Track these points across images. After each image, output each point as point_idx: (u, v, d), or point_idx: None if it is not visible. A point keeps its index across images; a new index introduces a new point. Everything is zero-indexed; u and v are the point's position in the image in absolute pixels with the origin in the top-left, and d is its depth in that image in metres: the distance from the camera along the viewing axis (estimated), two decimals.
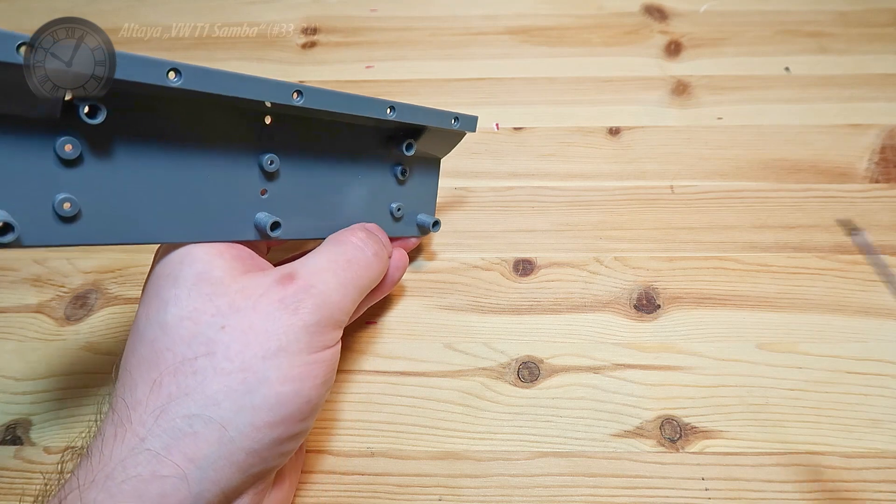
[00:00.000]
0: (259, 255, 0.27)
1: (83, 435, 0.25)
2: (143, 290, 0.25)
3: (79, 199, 0.21)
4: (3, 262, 0.38)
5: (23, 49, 0.17)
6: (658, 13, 0.51)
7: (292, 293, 0.24)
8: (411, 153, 0.31)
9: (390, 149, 0.31)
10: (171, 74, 0.20)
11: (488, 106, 0.45)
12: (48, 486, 0.24)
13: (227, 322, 0.23)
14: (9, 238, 0.19)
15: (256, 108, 0.25)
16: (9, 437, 0.31)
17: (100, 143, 0.21)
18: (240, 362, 0.22)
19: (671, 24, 0.50)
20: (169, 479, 0.20)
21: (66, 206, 0.20)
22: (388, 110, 0.27)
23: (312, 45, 0.50)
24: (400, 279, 0.33)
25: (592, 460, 0.29)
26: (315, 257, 0.26)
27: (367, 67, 0.48)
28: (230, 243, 0.25)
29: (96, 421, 0.24)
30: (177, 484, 0.20)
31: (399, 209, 0.33)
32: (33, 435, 0.31)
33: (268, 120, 0.25)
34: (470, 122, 0.32)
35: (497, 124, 0.44)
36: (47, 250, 0.38)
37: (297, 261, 0.26)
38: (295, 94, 0.24)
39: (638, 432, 0.30)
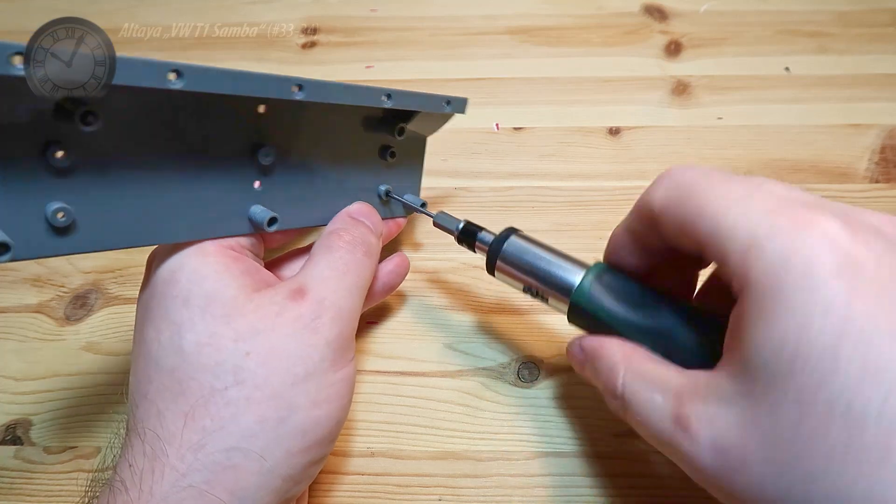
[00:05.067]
0: (259, 258, 0.27)
1: (106, 459, 0.25)
2: (142, 304, 0.25)
3: (73, 208, 0.20)
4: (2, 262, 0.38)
5: (16, 59, 0.16)
6: (658, 13, 0.51)
7: (308, 310, 0.24)
8: (402, 137, 0.31)
9: (379, 131, 0.31)
10: (172, 76, 0.20)
11: (488, 106, 0.45)
12: None
13: (250, 347, 0.22)
14: (4, 258, 0.19)
15: (251, 100, 0.24)
16: (9, 437, 0.31)
17: (93, 149, 0.20)
18: (270, 390, 0.22)
19: (671, 24, 0.50)
20: None
21: (60, 216, 0.20)
22: (385, 98, 0.28)
23: (312, 45, 0.50)
24: (399, 284, 0.33)
25: (592, 460, 0.29)
26: (315, 267, 0.26)
27: (367, 67, 0.48)
28: (236, 256, 0.25)
29: (111, 446, 0.24)
30: None
31: (387, 192, 0.33)
32: (33, 435, 0.31)
33: (262, 109, 0.25)
34: (460, 105, 0.32)
35: (497, 124, 0.44)
36: None
37: (300, 273, 0.25)
38: (295, 88, 0.24)
39: None
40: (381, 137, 0.31)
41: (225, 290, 0.23)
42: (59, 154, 0.19)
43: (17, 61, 0.16)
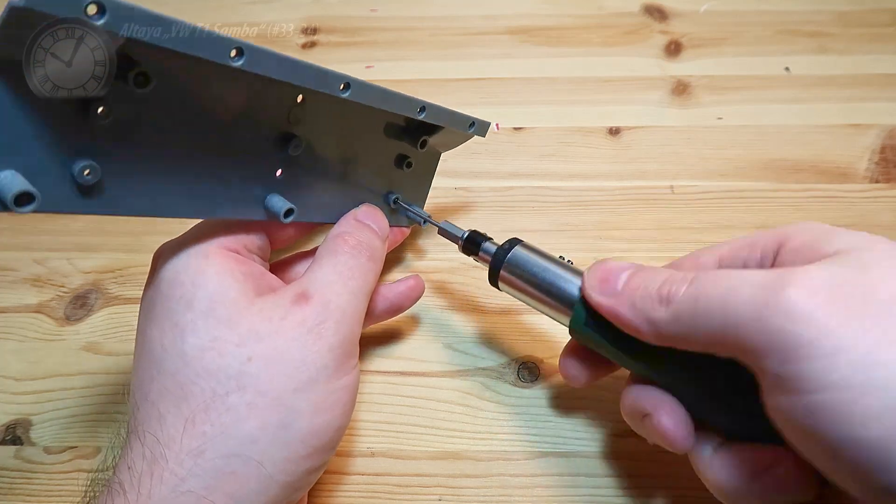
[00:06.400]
0: (264, 262, 0.27)
1: (106, 460, 0.24)
2: (146, 303, 0.25)
3: (101, 168, 0.20)
4: (3, 262, 0.38)
5: (90, 8, 0.16)
6: (658, 13, 0.51)
7: (312, 314, 0.23)
8: (424, 150, 0.31)
9: (400, 139, 0.31)
10: (234, 53, 0.20)
11: (488, 106, 0.45)
12: None
13: (252, 352, 0.22)
14: (29, 208, 0.18)
15: (293, 88, 0.24)
16: (9, 437, 0.31)
17: (132, 112, 0.20)
18: (272, 397, 0.22)
19: (671, 24, 0.50)
20: None
21: (87, 173, 0.19)
22: (419, 110, 0.28)
23: (312, 45, 0.50)
24: (409, 308, 0.32)
25: (592, 460, 0.29)
26: (320, 270, 0.25)
27: (367, 67, 0.48)
28: (240, 259, 0.25)
29: (112, 446, 0.24)
30: None
31: (396, 200, 0.33)
32: (33, 435, 0.31)
33: (299, 98, 0.25)
34: (483, 128, 0.33)
35: (497, 124, 0.44)
36: (48, 250, 0.38)
37: (304, 277, 0.25)
38: (342, 86, 0.24)
39: None
40: (400, 146, 0.32)
41: (228, 293, 0.23)
42: (101, 111, 0.19)
43: (92, 10, 0.17)
